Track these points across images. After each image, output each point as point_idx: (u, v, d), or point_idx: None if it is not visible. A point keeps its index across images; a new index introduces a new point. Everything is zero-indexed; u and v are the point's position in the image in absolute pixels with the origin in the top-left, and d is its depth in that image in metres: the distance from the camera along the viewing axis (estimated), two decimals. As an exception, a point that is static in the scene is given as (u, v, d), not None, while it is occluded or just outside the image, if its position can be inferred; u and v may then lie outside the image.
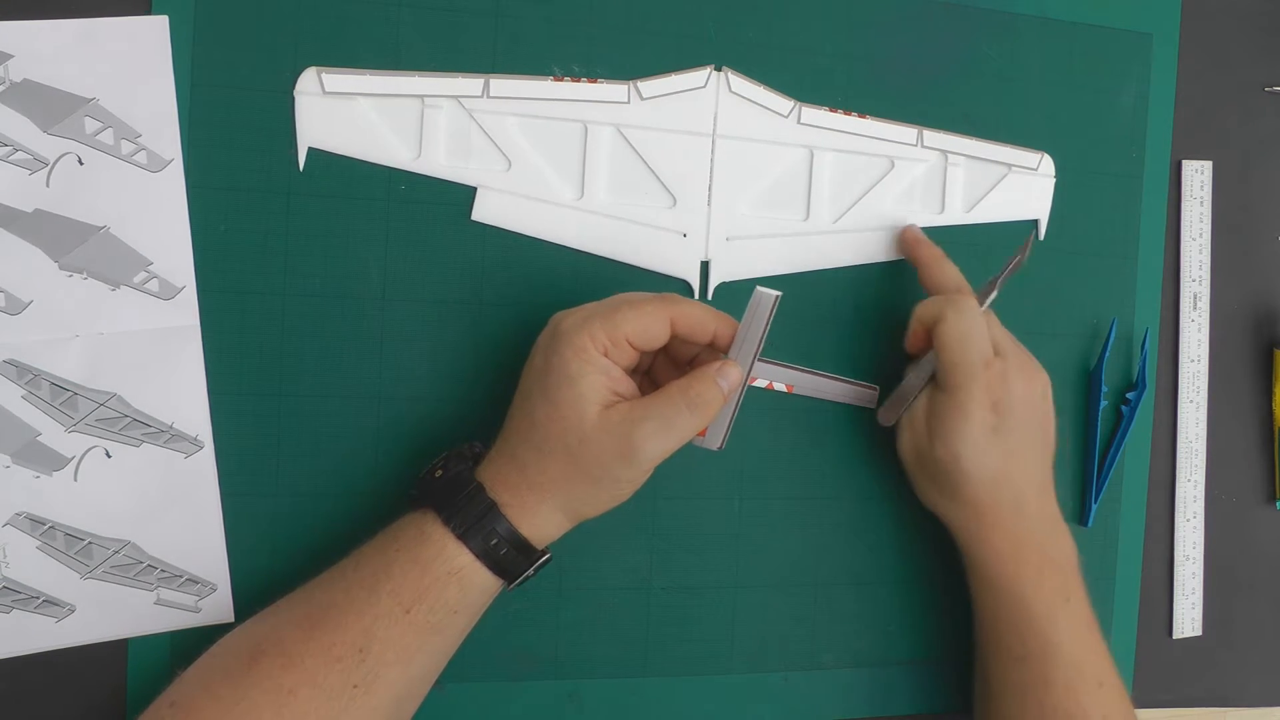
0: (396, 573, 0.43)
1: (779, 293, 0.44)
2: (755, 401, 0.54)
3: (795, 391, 0.51)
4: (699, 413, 0.44)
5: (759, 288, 0.44)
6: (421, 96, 0.50)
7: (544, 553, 0.45)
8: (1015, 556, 0.50)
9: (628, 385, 0.45)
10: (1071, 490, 0.60)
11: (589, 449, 0.43)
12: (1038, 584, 0.50)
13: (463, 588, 0.43)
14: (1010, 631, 0.50)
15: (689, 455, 0.53)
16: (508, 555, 0.43)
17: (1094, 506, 0.60)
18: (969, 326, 0.49)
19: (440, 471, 0.45)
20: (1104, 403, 0.60)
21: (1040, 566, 0.50)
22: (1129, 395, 0.60)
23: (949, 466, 0.50)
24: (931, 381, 0.52)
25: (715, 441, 0.47)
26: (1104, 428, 0.60)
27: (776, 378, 0.50)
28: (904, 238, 0.56)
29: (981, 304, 0.52)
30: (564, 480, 0.44)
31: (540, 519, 0.44)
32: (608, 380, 0.43)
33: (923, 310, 0.51)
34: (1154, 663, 0.62)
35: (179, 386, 0.48)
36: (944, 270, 0.53)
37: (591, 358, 0.43)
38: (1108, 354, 0.59)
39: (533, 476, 0.44)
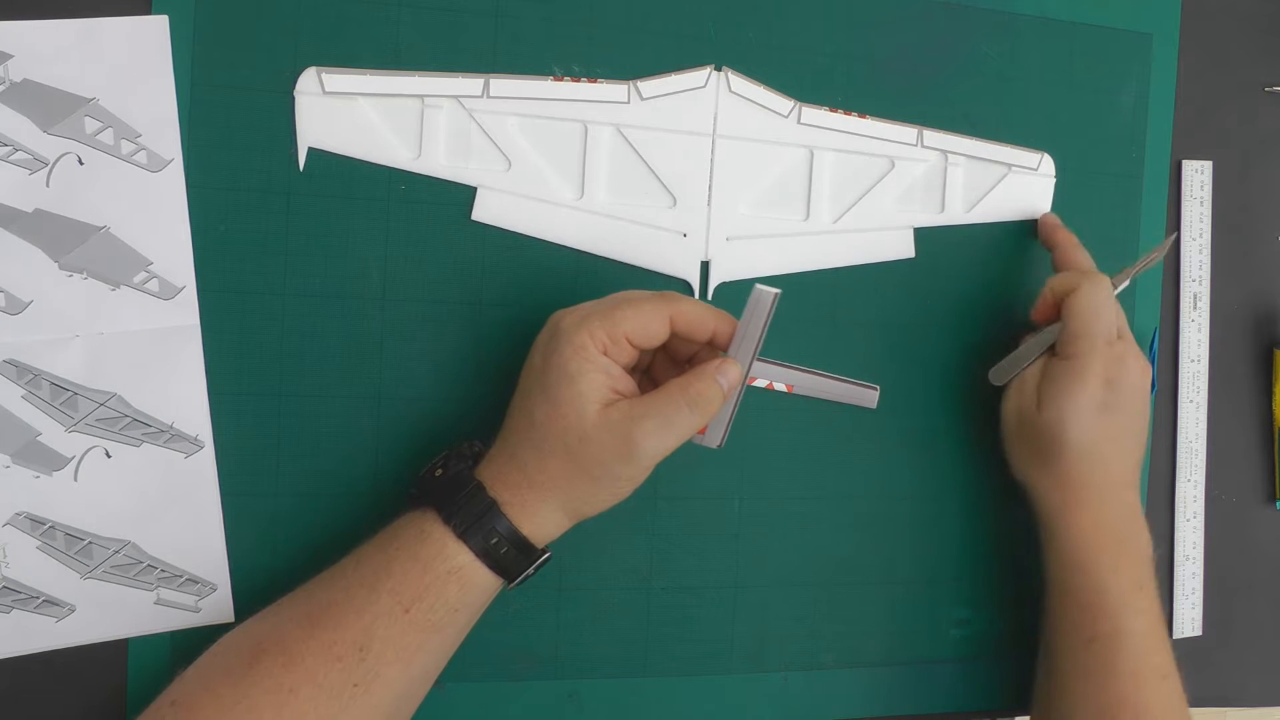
0: (397, 571, 0.43)
1: (778, 290, 0.44)
2: (755, 401, 0.54)
3: (795, 391, 0.51)
4: (699, 411, 0.44)
5: (758, 286, 0.44)
6: (421, 96, 0.50)
7: (544, 551, 0.45)
8: (1097, 538, 0.51)
9: (627, 383, 0.45)
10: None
11: (589, 447, 0.43)
12: (1115, 569, 0.50)
13: (463, 586, 0.43)
14: (1083, 612, 0.51)
15: (689, 455, 0.53)
16: (508, 554, 0.43)
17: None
18: (1102, 300, 0.51)
19: (440, 470, 0.45)
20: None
21: (1119, 552, 0.51)
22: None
23: (1053, 431, 0.51)
24: (1049, 351, 0.53)
25: (715, 440, 0.47)
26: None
27: (776, 378, 0.50)
28: (1044, 222, 0.58)
29: (1114, 288, 0.53)
30: (564, 479, 0.44)
31: (540, 518, 0.44)
32: (607, 378, 0.43)
33: (1057, 282, 0.53)
34: (1154, 663, 0.62)
35: (179, 386, 0.48)
36: (1078, 254, 0.55)
37: (591, 356, 0.43)
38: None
39: (533, 475, 0.44)
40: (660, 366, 0.49)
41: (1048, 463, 0.52)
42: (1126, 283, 0.55)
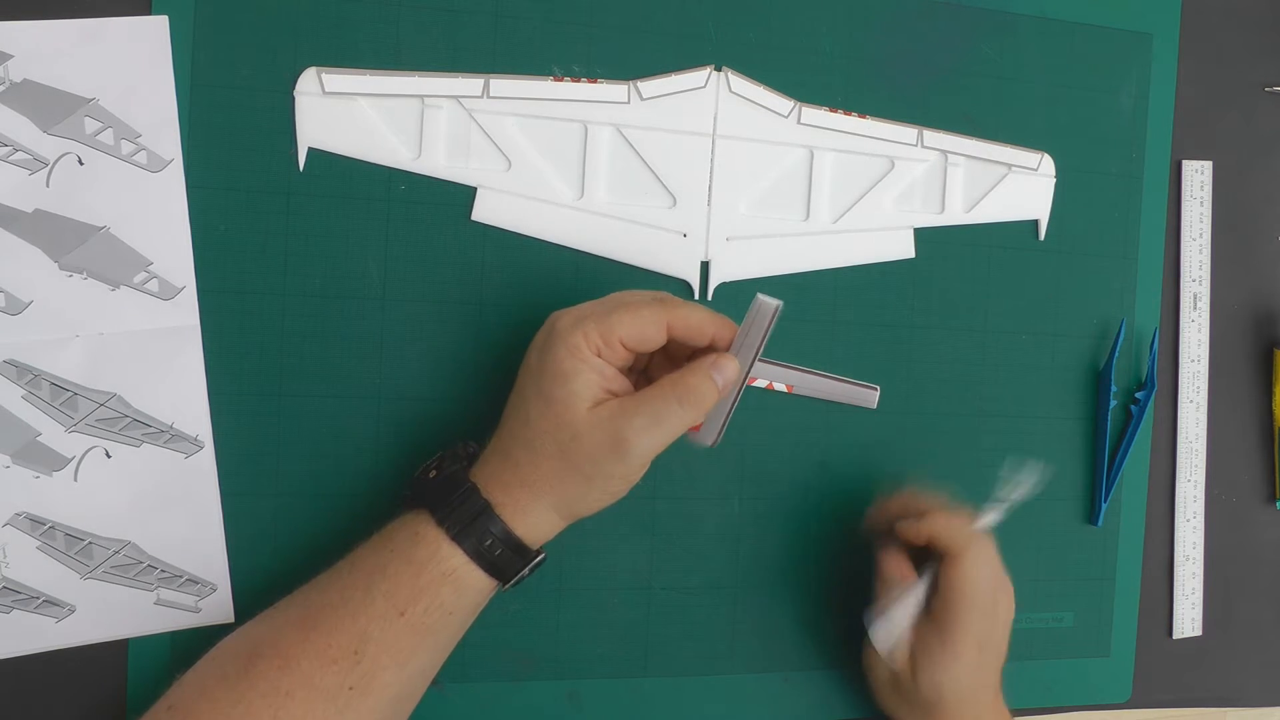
0: (391, 574, 0.43)
1: (780, 302, 0.44)
2: (755, 401, 0.54)
3: (795, 392, 0.51)
4: (689, 407, 0.44)
5: (761, 295, 0.44)
6: (421, 96, 0.50)
7: (539, 553, 0.45)
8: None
9: (622, 383, 0.45)
10: (1080, 490, 0.60)
11: (580, 445, 0.43)
12: None
13: (457, 589, 0.43)
14: None
15: (689, 455, 0.53)
16: (502, 556, 0.43)
17: (1104, 506, 0.60)
18: (989, 574, 0.50)
19: (434, 472, 0.45)
20: (1114, 402, 0.60)
21: None
22: (1138, 395, 0.60)
23: (931, 697, 0.50)
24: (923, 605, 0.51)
25: (709, 438, 0.47)
26: (1113, 427, 0.60)
27: (776, 378, 0.50)
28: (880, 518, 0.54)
29: (981, 525, 0.51)
30: (557, 478, 0.44)
31: (534, 518, 0.44)
32: (601, 379, 0.43)
33: (936, 525, 0.50)
34: (1154, 663, 0.62)
35: (179, 386, 0.48)
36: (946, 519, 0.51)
37: (585, 356, 0.43)
38: (1117, 354, 0.59)
39: (526, 475, 0.44)
40: (658, 367, 0.49)
41: (924, 716, 0.51)
42: (996, 517, 0.51)
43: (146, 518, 0.47)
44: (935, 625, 0.50)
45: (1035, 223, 0.59)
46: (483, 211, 0.51)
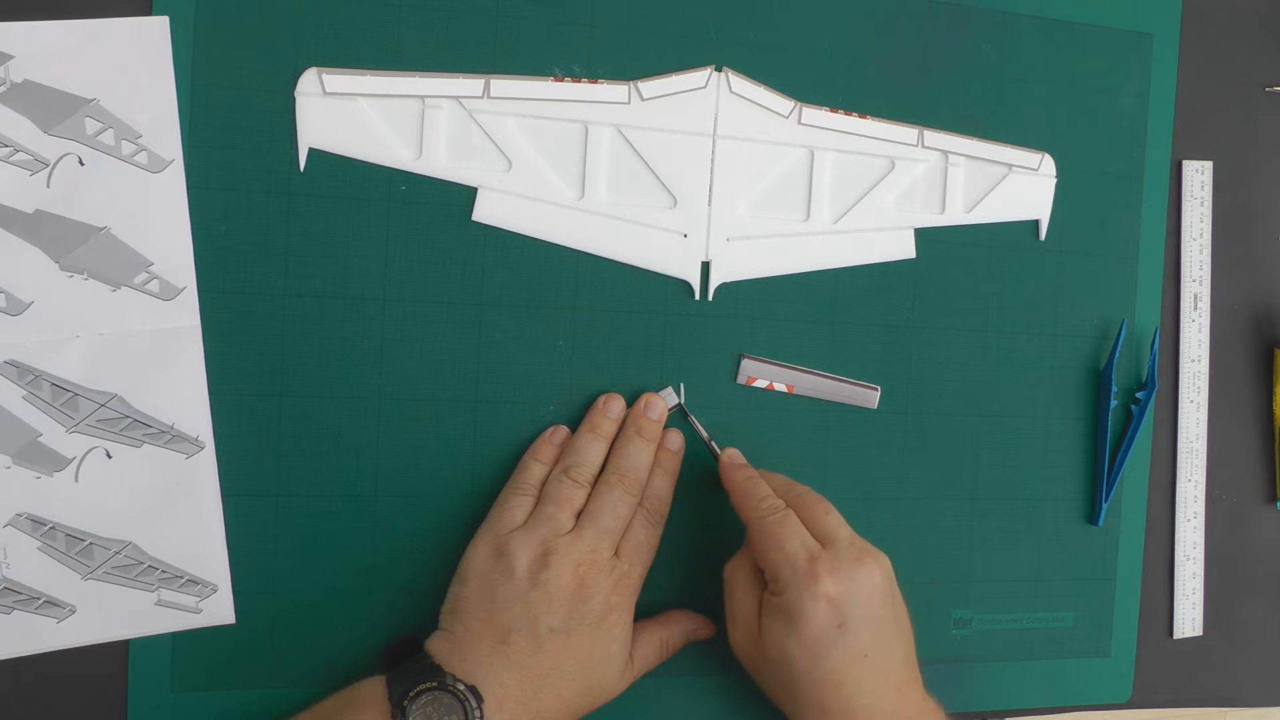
0: None
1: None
2: (755, 401, 0.54)
3: (795, 392, 0.51)
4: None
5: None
6: (422, 97, 0.50)
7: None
8: None
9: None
10: (1081, 490, 0.60)
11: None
12: None
13: None
14: None
15: (690, 457, 0.54)
16: None
17: (1104, 506, 0.60)
18: (777, 533, 0.47)
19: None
20: (1114, 402, 0.60)
21: None
22: (1138, 395, 0.60)
23: (787, 672, 0.46)
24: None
25: None
26: (1113, 428, 0.60)
27: (776, 378, 0.50)
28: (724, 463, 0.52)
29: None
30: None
31: None
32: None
33: (767, 555, 0.48)
34: (1154, 663, 0.62)
35: (179, 387, 0.48)
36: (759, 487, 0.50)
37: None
38: (1118, 354, 0.59)
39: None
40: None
41: (795, 699, 0.47)
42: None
43: (147, 518, 0.47)
44: (771, 594, 0.47)
45: (1036, 223, 0.59)
46: (483, 212, 0.51)
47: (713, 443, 0.52)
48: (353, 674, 0.47)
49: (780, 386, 0.51)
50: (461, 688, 0.43)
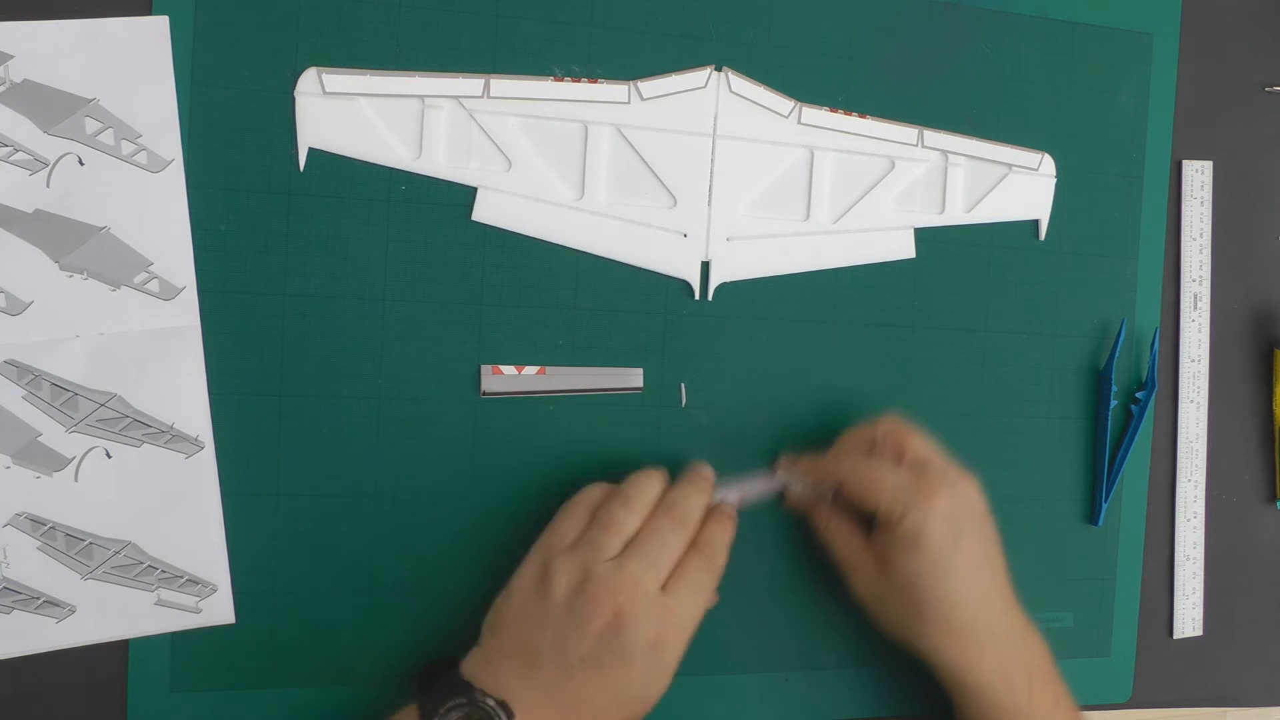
0: None
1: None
2: (756, 402, 0.54)
3: (546, 373, 0.51)
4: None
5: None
6: (422, 96, 0.50)
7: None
8: (1005, 678, 0.49)
9: None
10: (1081, 490, 0.60)
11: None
12: (1030, 699, 0.49)
13: None
14: None
15: (688, 455, 0.53)
16: None
17: (1104, 506, 0.60)
18: (942, 529, 0.49)
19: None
20: (1114, 402, 0.60)
21: (1030, 681, 0.50)
22: (1138, 395, 0.60)
23: (912, 596, 0.49)
24: (868, 531, 0.51)
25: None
26: (1113, 427, 0.60)
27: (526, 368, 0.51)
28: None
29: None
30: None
31: None
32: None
33: (867, 487, 0.50)
34: (1154, 663, 0.62)
35: (179, 387, 0.48)
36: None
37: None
38: (1117, 354, 0.59)
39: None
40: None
41: (924, 626, 0.49)
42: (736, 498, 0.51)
43: (147, 518, 0.47)
44: (884, 528, 0.49)
45: (1036, 223, 0.59)
46: (483, 211, 0.51)
47: (759, 477, 0.53)
48: (353, 674, 0.47)
49: (531, 370, 0.51)
50: (491, 703, 0.42)
